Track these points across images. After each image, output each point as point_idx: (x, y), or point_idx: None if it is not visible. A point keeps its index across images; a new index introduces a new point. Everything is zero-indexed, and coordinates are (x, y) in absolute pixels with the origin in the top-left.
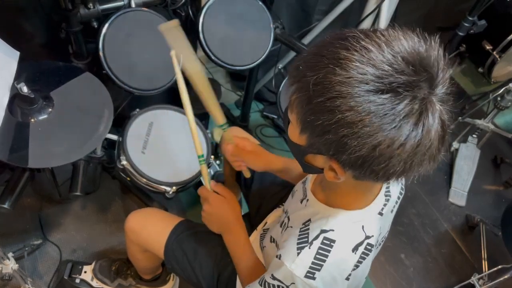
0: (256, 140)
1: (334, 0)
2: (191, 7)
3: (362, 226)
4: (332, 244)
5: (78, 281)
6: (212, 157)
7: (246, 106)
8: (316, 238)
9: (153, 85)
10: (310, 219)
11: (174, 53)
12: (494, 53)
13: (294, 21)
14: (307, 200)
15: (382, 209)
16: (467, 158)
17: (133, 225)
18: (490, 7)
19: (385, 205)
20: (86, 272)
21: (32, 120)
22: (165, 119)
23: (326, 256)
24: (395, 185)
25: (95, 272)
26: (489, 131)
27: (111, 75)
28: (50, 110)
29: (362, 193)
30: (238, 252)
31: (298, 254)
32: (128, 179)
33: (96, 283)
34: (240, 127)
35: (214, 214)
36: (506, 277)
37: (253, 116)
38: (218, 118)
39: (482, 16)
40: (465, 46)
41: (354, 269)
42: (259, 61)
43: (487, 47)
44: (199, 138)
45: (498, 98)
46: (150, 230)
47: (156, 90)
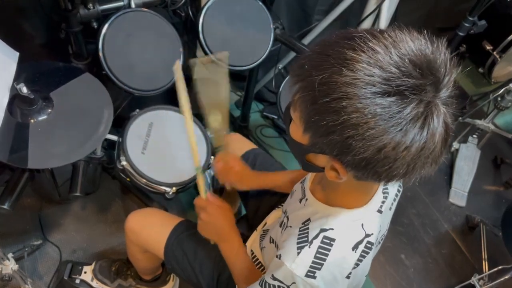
0: (252, 145)
1: (334, 0)
2: (191, 8)
3: (362, 225)
4: (332, 243)
5: (78, 281)
6: (212, 157)
7: (246, 106)
8: (316, 237)
9: (153, 85)
10: (309, 219)
11: (178, 64)
12: (495, 53)
13: (294, 21)
14: (306, 199)
15: (381, 206)
16: (468, 158)
17: (133, 225)
18: (490, 7)
19: (383, 202)
20: (86, 272)
21: (31, 120)
22: (165, 120)
23: (326, 255)
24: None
25: (95, 272)
26: (489, 132)
27: (111, 76)
28: (49, 110)
29: (361, 192)
30: (233, 258)
31: (298, 253)
32: (128, 180)
33: (96, 284)
34: (240, 128)
35: (210, 223)
36: (506, 277)
37: (253, 116)
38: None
39: (482, 16)
40: (465, 46)
41: (354, 267)
42: (259, 61)
43: (487, 48)
44: (199, 139)
45: (498, 99)
46: (150, 230)
47: (156, 91)
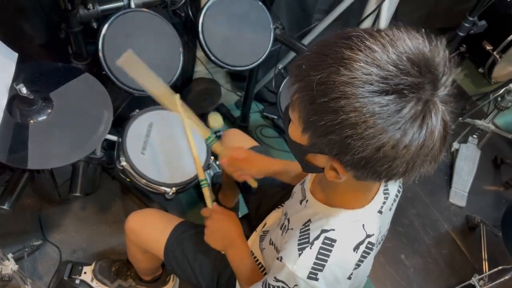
0: (253, 142)
1: (334, 0)
2: (191, 8)
3: (363, 225)
4: (333, 243)
5: (78, 282)
6: (212, 158)
7: (246, 106)
8: (317, 238)
9: None
10: (310, 220)
11: (178, 97)
12: (495, 53)
13: (294, 21)
14: (307, 200)
15: (381, 207)
16: (468, 158)
17: (133, 225)
18: (491, 8)
19: (384, 203)
20: (86, 273)
21: (31, 121)
22: (165, 120)
23: (328, 256)
24: (393, 183)
25: (95, 273)
26: (489, 132)
27: (111, 76)
28: (49, 111)
29: (362, 192)
30: (241, 267)
31: (300, 255)
32: (127, 180)
33: (96, 284)
34: (240, 128)
35: (216, 230)
36: (506, 277)
37: (253, 116)
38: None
39: (482, 16)
40: (465, 46)
41: (355, 268)
42: (259, 61)
43: (488, 48)
44: (199, 139)
45: (499, 99)
46: (150, 230)
47: None
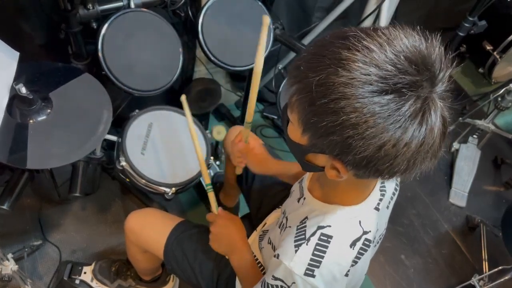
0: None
1: None
2: (191, 8)
3: (359, 222)
4: (329, 240)
5: (78, 282)
6: (211, 158)
7: (246, 106)
8: (313, 234)
9: (152, 85)
10: (307, 217)
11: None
12: (495, 53)
13: (294, 21)
14: (304, 198)
15: (378, 204)
16: (468, 158)
17: (132, 225)
18: (491, 8)
19: (380, 200)
20: (86, 273)
21: (31, 121)
22: (164, 120)
23: (324, 252)
24: (390, 180)
25: (95, 273)
26: (489, 132)
27: (110, 76)
28: (49, 111)
29: (360, 189)
30: (244, 271)
31: (296, 251)
32: (127, 180)
33: (95, 284)
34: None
35: (220, 234)
36: (506, 278)
37: (253, 116)
38: (249, 115)
39: (482, 16)
40: (465, 46)
41: (352, 265)
42: None
43: (488, 48)
44: (199, 139)
45: (499, 99)
46: (150, 230)
47: (155, 91)
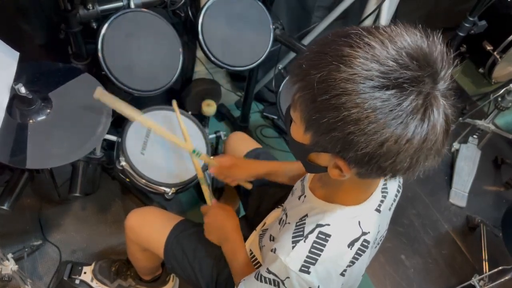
0: (256, 144)
1: None
2: (191, 8)
3: (359, 222)
4: (327, 238)
5: (78, 282)
6: (212, 157)
7: (246, 106)
8: (311, 232)
9: (152, 85)
10: (307, 214)
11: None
12: (495, 53)
13: (294, 20)
14: (305, 196)
15: (379, 205)
16: (468, 158)
17: (133, 223)
18: (491, 8)
19: (382, 201)
20: (86, 273)
21: (30, 121)
22: (164, 120)
23: (321, 250)
24: (392, 181)
25: (95, 273)
26: (489, 132)
27: (110, 76)
28: (48, 111)
29: (362, 189)
30: (235, 260)
31: (293, 247)
32: (127, 180)
33: (95, 284)
34: (240, 128)
35: (212, 223)
36: (506, 278)
37: (253, 116)
38: (187, 146)
39: (482, 16)
40: (465, 46)
41: (349, 265)
42: (259, 61)
43: (488, 48)
44: (198, 140)
45: (499, 99)
46: (150, 229)
47: (155, 91)
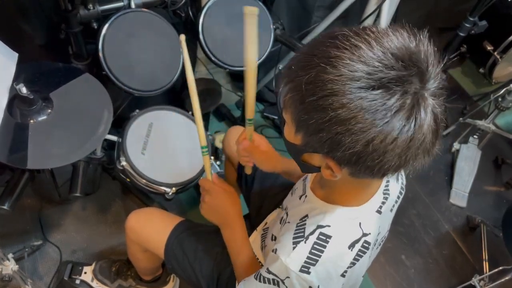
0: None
1: None
2: (191, 8)
3: (360, 223)
4: (328, 239)
5: (78, 282)
6: (212, 157)
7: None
8: (312, 233)
9: (153, 86)
10: (307, 215)
11: (184, 38)
12: (495, 53)
13: (294, 20)
14: (306, 196)
15: (381, 207)
16: (468, 159)
17: (133, 224)
18: (491, 8)
19: (383, 203)
20: (86, 273)
21: (31, 121)
22: (165, 120)
23: (322, 251)
24: (395, 183)
25: (95, 273)
26: (490, 132)
27: (111, 76)
28: (49, 111)
29: (361, 190)
30: (236, 247)
31: (294, 248)
32: (128, 180)
33: (96, 284)
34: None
35: (214, 206)
36: (507, 278)
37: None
38: (250, 111)
39: (483, 16)
40: (466, 46)
41: (350, 266)
42: (259, 61)
43: (488, 48)
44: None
45: (499, 99)
46: (151, 229)
47: (156, 91)
